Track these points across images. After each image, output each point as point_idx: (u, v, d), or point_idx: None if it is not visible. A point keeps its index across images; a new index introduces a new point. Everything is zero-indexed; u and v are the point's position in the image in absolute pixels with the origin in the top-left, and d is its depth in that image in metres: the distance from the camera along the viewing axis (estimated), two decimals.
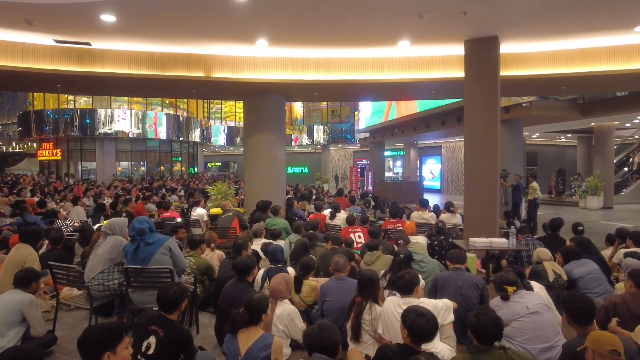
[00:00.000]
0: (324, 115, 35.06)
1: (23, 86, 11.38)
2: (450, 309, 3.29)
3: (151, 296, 3.75)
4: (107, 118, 25.55)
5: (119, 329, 2.25)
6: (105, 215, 8.73)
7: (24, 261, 4.36)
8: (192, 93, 9.79)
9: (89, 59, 7.71)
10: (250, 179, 9.81)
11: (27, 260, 4.43)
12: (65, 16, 6.17)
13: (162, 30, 6.92)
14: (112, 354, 2.17)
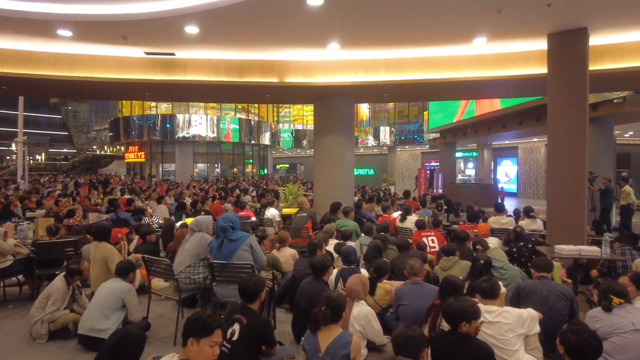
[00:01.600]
0: (391, 116, 34.59)
1: (117, 95, 12.58)
2: (536, 319, 3.11)
3: (234, 290, 3.97)
4: (185, 123, 27.36)
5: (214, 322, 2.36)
6: (186, 213, 9.37)
7: (106, 257, 4.79)
8: (266, 98, 10.18)
9: (173, 68, 8.33)
10: (319, 181, 9.97)
11: (108, 256, 4.83)
12: (155, 30, 6.73)
13: (239, 39, 7.29)
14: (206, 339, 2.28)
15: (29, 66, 7.83)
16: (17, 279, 5.77)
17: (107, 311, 3.93)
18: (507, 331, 2.94)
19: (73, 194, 13.80)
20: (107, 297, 3.98)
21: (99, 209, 10.17)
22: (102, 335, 3.83)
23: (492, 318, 3.01)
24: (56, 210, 9.51)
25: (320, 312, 2.84)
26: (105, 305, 3.95)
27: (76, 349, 4.02)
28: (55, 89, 9.67)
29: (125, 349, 2.50)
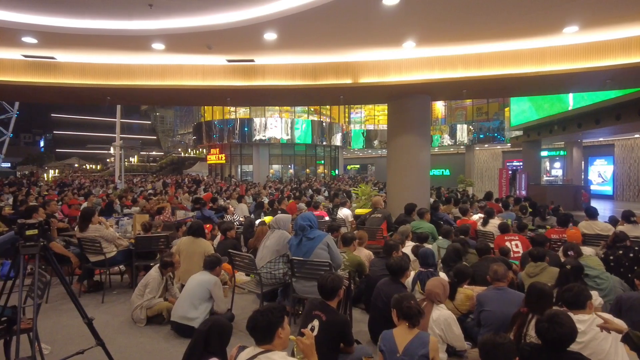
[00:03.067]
0: (469, 113, 33.06)
1: (202, 101, 13.46)
2: None
3: (312, 287, 4.09)
4: (261, 126, 28.57)
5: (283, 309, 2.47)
6: (264, 212, 9.79)
7: (206, 250, 5.17)
8: (340, 99, 10.29)
9: (252, 73, 8.74)
10: (392, 181, 9.85)
11: (207, 250, 5.21)
12: (237, 38, 7.12)
13: (315, 43, 7.45)
14: (282, 329, 2.39)
15: (127, 77, 8.69)
16: (119, 269, 6.45)
17: (196, 301, 4.24)
18: (602, 340, 2.71)
19: (162, 193, 15.05)
20: (196, 289, 4.30)
21: (186, 206, 10.98)
22: (192, 324, 4.15)
23: (585, 328, 2.79)
24: (148, 207, 10.43)
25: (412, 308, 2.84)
26: (194, 296, 4.27)
27: (170, 334, 4.39)
28: (149, 96, 10.62)
29: (215, 336, 2.69)
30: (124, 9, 6.18)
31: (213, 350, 2.65)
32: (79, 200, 11.61)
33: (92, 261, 5.64)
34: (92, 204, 10.58)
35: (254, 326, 2.30)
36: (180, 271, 5.15)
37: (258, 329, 2.28)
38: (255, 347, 2.32)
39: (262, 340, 2.29)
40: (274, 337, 2.28)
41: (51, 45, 7.52)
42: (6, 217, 8.27)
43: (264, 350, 2.25)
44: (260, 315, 2.30)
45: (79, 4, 5.98)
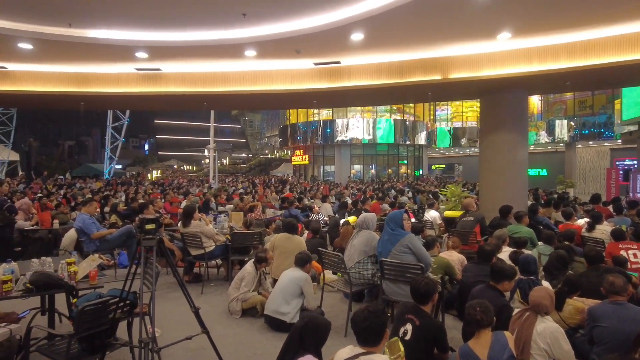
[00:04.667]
0: (569, 107, 29.99)
1: (289, 104, 14.00)
2: None
3: (402, 289, 4.02)
4: (343, 127, 28.81)
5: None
6: (348, 211, 9.84)
7: (301, 247, 5.33)
8: (428, 96, 9.99)
9: (339, 75, 8.83)
10: (486, 182, 9.30)
11: (300, 246, 5.38)
12: (324, 41, 7.25)
13: (402, 40, 7.32)
14: (386, 332, 2.36)
15: (222, 84, 9.31)
16: (216, 262, 6.92)
17: (287, 297, 4.39)
18: None
19: (252, 192, 15.87)
20: (288, 285, 4.45)
21: (274, 205, 11.44)
22: (283, 318, 4.31)
23: None
24: (241, 206, 11.05)
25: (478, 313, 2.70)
26: (286, 291, 4.42)
27: (263, 327, 4.60)
28: (241, 101, 11.27)
29: (310, 333, 2.75)
30: (221, 19, 6.63)
31: (307, 347, 2.71)
32: (179, 199, 12.69)
33: (193, 254, 6.12)
34: (191, 202, 11.49)
35: (368, 327, 2.28)
36: (273, 266, 5.37)
37: (372, 330, 2.27)
38: (355, 347, 2.32)
39: (371, 341, 2.28)
40: (382, 339, 2.27)
41: (158, 58, 8.32)
42: (120, 213, 9.33)
43: (366, 352, 2.24)
44: (375, 317, 2.29)
45: (183, 18, 6.53)
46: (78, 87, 9.34)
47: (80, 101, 10.27)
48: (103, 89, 9.41)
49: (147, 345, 2.65)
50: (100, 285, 3.73)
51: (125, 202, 11.58)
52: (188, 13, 6.32)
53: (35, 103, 11.60)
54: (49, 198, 11.33)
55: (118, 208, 9.65)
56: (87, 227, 6.13)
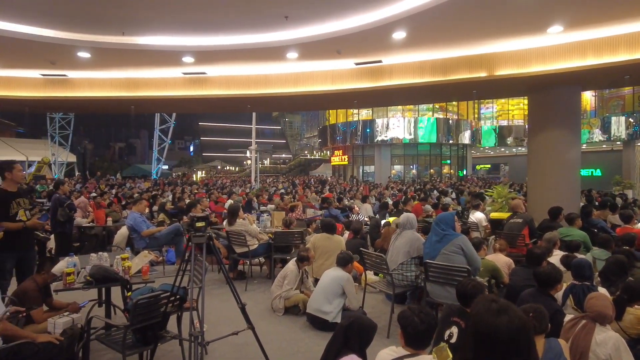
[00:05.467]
0: (627, 103, 28.04)
1: (330, 104, 14.05)
2: None
3: (448, 292, 3.93)
4: (383, 127, 28.53)
5: None
6: (388, 212, 9.73)
7: (341, 247, 5.35)
8: (472, 94, 9.72)
9: (380, 74, 8.77)
10: (535, 183, 8.91)
11: (341, 246, 5.40)
12: (365, 40, 7.22)
13: (446, 37, 7.16)
14: None
15: (264, 86, 9.49)
16: (259, 260, 7.06)
17: (329, 296, 4.41)
18: None
19: (292, 193, 16.06)
20: (330, 284, 4.46)
21: (314, 205, 11.51)
22: (325, 317, 4.33)
23: None
24: (282, 205, 11.21)
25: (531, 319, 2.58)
26: (328, 290, 4.44)
27: (305, 325, 4.64)
28: (283, 103, 11.44)
29: (354, 333, 2.74)
30: (264, 23, 6.76)
31: (352, 347, 2.70)
32: (223, 198, 13.06)
33: (238, 252, 6.28)
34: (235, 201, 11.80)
35: (425, 330, 2.27)
36: (314, 266, 5.41)
37: (427, 333, 2.27)
38: (398, 349, 2.29)
39: (422, 344, 2.27)
40: (431, 342, 2.25)
41: (204, 62, 8.61)
42: (168, 211, 9.72)
43: (411, 354, 2.21)
44: (433, 320, 2.31)
45: (227, 22, 6.72)
46: (129, 91, 9.84)
47: (131, 105, 10.82)
48: (152, 92, 9.85)
49: (197, 339, 2.75)
50: (151, 280, 3.91)
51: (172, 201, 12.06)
52: (233, 17, 6.49)
53: (92, 107, 12.32)
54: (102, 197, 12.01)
55: (166, 207, 10.07)
56: (138, 225, 6.43)
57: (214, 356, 3.78)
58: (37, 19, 6.62)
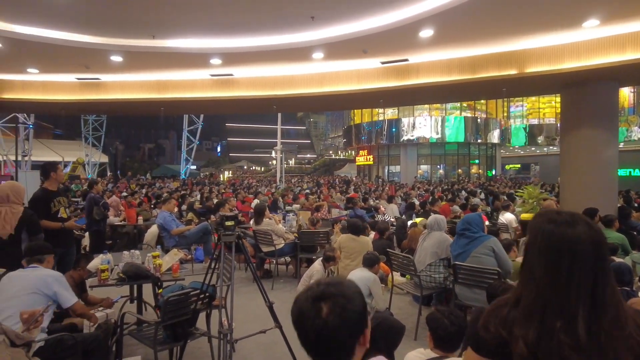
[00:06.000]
0: None
1: (355, 104, 14.01)
2: None
3: (477, 294, 3.84)
4: (409, 126, 28.20)
5: None
6: (415, 213, 9.61)
7: (367, 248, 5.31)
8: (502, 92, 9.46)
9: (406, 73, 8.66)
10: (568, 183, 8.60)
11: (367, 246, 5.36)
12: (391, 39, 7.14)
13: (475, 34, 7.00)
14: None
15: (290, 87, 9.53)
16: (285, 260, 7.10)
17: None
18: None
19: (317, 193, 16.09)
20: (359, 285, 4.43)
21: (339, 205, 11.50)
22: None
23: None
24: (307, 205, 11.25)
25: None
26: None
27: None
28: (309, 103, 11.47)
29: (383, 333, 2.72)
30: (290, 23, 6.80)
31: (379, 348, 2.68)
32: (250, 198, 13.22)
33: (264, 251, 6.33)
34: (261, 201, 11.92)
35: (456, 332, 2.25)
36: (340, 266, 5.40)
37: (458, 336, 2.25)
38: (426, 351, 2.26)
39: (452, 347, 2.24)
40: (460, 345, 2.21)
41: (231, 64, 8.73)
42: (196, 211, 9.92)
43: (440, 356, 2.18)
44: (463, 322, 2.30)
45: (255, 24, 6.79)
46: (159, 93, 10.09)
47: (161, 106, 11.08)
48: (180, 94, 10.07)
49: (226, 337, 2.79)
50: (181, 278, 3.99)
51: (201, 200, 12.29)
52: (259, 19, 6.56)
53: (123, 109, 12.69)
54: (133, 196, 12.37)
55: (194, 206, 10.27)
56: (168, 224, 6.59)
57: (241, 354, 3.82)
58: (74, 26, 6.88)
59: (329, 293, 1.08)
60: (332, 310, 1.05)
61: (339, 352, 1.08)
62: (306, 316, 1.08)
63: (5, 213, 3.82)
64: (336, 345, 1.07)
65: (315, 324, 1.05)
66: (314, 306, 1.07)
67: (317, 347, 1.09)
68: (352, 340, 1.08)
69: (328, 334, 1.06)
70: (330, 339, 1.06)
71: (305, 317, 1.08)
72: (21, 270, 2.89)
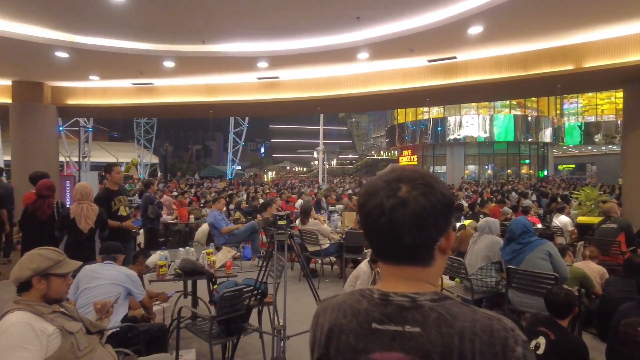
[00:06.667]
0: None
1: (400, 104, 13.85)
2: None
3: (532, 300, 3.70)
4: (456, 125, 27.46)
5: None
6: (463, 215, 9.35)
7: None
8: (556, 89, 9.01)
9: (454, 71, 8.46)
10: (631, 184, 8.04)
11: None
12: (439, 37, 7.01)
13: (527, 29, 6.73)
14: None
15: (334, 88, 9.58)
16: (330, 260, 7.15)
17: None
18: None
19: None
20: None
21: None
22: None
23: None
24: (351, 205, 11.24)
25: None
26: None
27: None
28: (353, 104, 11.47)
29: None
30: (336, 25, 6.84)
31: None
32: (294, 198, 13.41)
33: (310, 251, 6.41)
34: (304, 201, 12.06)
35: None
36: None
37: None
38: None
39: None
40: None
41: (277, 66, 8.90)
42: (243, 210, 10.19)
43: None
44: None
45: (301, 26, 6.89)
46: (208, 96, 10.46)
47: (210, 109, 11.48)
48: (228, 97, 10.39)
49: (279, 333, 2.86)
50: (234, 275, 4.13)
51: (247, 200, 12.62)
52: (306, 21, 6.65)
53: (174, 113, 13.27)
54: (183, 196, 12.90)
55: (241, 206, 10.56)
56: (218, 222, 6.83)
57: (291, 351, 3.89)
58: (131, 34, 7.29)
59: (408, 177, 0.82)
60: (413, 188, 0.80)
61: (418, 248, 0.81)
62: (378, 195, 0.82)
63: (87, 209, 4.24)
64: (416, 235, 0.79)
65: (390, 203, 0.79)
66: (389, 185, 0.82)
67: (388, 238, 0.81)
68: (437, 232, 0.81)
69: (406, 217, 0.78)
70: (410, 224, 0.79)
71: (377, 196, 0.82)
72: (98, 265, 3.16)
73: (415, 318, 0.79)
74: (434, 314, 0.79)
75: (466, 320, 0.78)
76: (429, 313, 0.79)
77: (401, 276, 0.85)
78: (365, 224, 0.85)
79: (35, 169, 6.30)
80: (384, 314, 0.81)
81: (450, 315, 0.79)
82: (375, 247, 0.87)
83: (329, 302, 0.93)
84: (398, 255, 0.83)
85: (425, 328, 0.78)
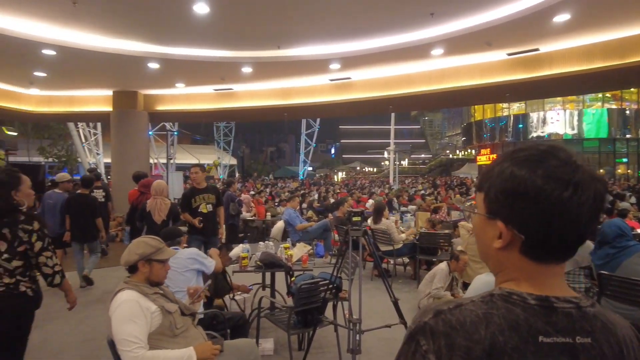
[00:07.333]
0: None
1: (478, 100, 13.27)
2: None
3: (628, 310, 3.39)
4: (539, 121, 25.63)
5: None
6: None
7: None
8: None
9: (537, 64, 7.95)
10: None
11: None
12: (519, 29, 6.64)
13: (623, 13, 6.14)
14: None
15: (407, 86, 9.46)
16: (402, 260, 7.08)
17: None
18: None
19: (435, 194, 15.60)
20: (482, 289, 4.24)
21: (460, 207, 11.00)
22: None
23: None
24: (424, 206, 11.00)
25: None
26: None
27: None
28: (426, 101, 11.23)
29: None
30: (408, 22, 6.78)
31: None
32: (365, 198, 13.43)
33: (382, 250, 6.40)
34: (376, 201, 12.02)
35: None
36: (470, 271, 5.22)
37: None
38: None
39: None
40: None
41: (349, 67, 9.01)
42: (315, 209, 10.43)
43: None
44: None
45: (373, 25, 6.92)
46: (283, 100, 10.88)
47: (284, 112, 11.92)
48: (302, 100, 10.72)
49: (355, 327, 2.94)
50: (310, 269, 4.29)
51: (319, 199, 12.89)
52: (378, 19, 6.66)
53: (251, 116, 13.96)
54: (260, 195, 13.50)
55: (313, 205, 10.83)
56: (292, 220, 7.08)
57: (364, 346, 3.94)
58: (213, 43, 7.84)
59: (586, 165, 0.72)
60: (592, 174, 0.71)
61: (582, 241, 0.72)
62: (591, 185, 0.69)
63: (160, 204, 4.93)
64: (591, 225, 0.71)
65: (597, 188, 0.69)
66: (589, 172, 0.71)
67: (578, 229, 0.70)
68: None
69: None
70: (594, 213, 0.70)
71: (590, 186, 0.69)
72: None
73: (584, 327, 0.70)
74: (599, 322, 0.71)
75: (623, 327, 0.73)
76: (594, 321, 0.71)
77: (551, 274, 0.74)
78: (570, 215, 0.68)
79: (131, 170, 7.08)
80: (550, 323, 0.70)
81: (610, 322, 0.72)
82: (549, 240, 0.71)
83: (456, 316, 0.71)
84: (566, 250, 0.73)
85: (595, 338, 0.70)
